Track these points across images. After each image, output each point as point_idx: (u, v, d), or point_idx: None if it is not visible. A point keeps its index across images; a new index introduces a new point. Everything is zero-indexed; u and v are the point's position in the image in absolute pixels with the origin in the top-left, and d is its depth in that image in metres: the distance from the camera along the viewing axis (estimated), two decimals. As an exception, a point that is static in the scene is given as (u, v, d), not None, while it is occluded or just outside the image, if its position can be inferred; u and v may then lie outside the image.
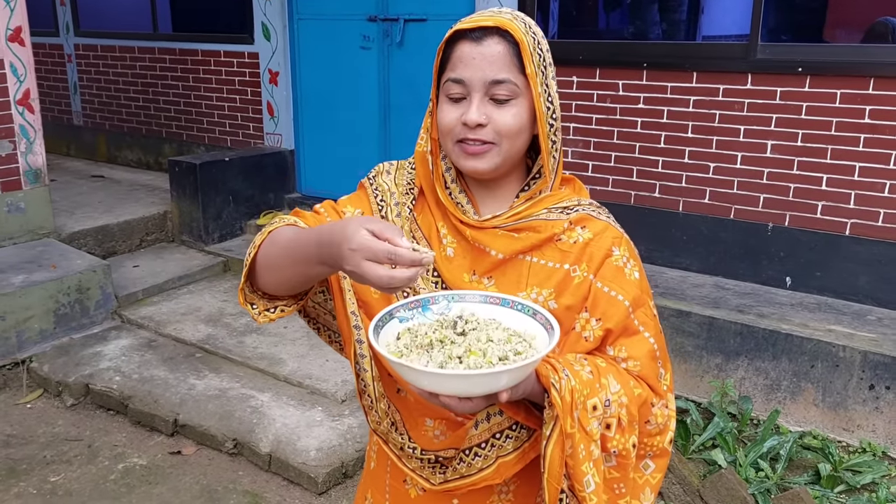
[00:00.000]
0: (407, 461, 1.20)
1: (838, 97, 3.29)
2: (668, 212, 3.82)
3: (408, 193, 1.23)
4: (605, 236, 1.17)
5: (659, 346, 1.18)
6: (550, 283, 1.15)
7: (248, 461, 3.02)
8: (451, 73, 1.12)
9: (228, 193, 4.99)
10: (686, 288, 3.56)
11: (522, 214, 1.16)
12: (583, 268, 1.15)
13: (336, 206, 1.23)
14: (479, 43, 1.09)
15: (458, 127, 1.12)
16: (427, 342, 1.03)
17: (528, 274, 1.16)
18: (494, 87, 1.09)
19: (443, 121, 1.14)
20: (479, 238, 1.16)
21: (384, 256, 0.90)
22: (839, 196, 3.37)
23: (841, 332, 3.05)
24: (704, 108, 3.63)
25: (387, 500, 1.31)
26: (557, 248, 1.16)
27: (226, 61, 5.52)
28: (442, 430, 1.18)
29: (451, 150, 1.15)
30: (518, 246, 1.16)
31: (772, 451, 2.86)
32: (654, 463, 1.19)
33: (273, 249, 1.10)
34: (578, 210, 1.18)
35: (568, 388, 1.05)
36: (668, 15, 4.66)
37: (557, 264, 1.15)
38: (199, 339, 3.79)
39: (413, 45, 4.65)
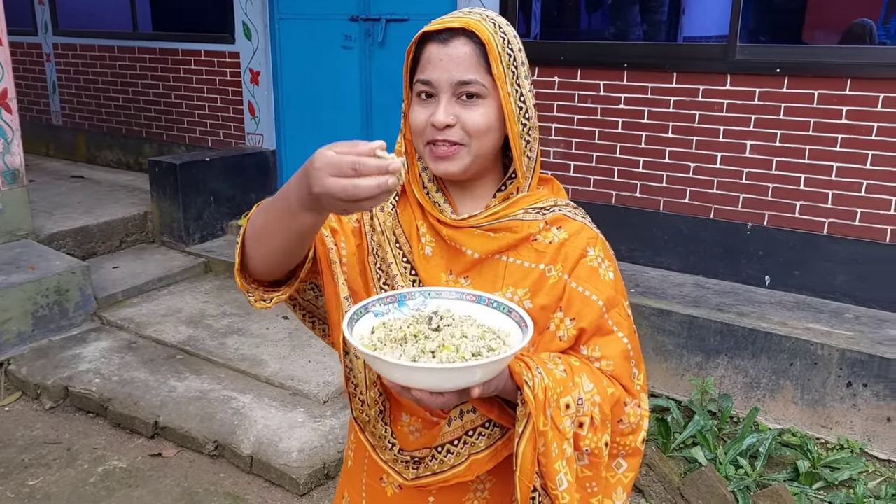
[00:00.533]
0: (381, 452, 1.20)
1: (816, 98, 3.33)
2: (648, 211, 3.85)
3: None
4: (580, 237, 1.18)
5: (633, 346, 1.20)
6: (526, 283, 1.15)
7: (230, 463, 3.00)
8: (420, 74, 1.12)
9: (209, 194, 4.95)
10: (667, 287, 3.59)
11: (499, 214, 1.17)
12: (558, 268, 1.16)
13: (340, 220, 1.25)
14: (445, 44, 1.10)
15: (427, 128, 1.12)
16: (401, 336, 1.03)
17: (504, 274, 1.16)
18: (461, 87, 1.10)
19: (413, 122, 1.14)
20: (455, 237, 1.17)
21: (348, 167, 0.87)
22: (817, 196, 3.41)
23: (819, 331, 3.09)
24: (684, 108, 3.65)
25: (363, 499, 1.31)
26: (533, 249, 1.17)
27: (206, 61, 5.48)
28: (417, 428, 1.19)
29: (422, 151, 1.16)
30: (494, 246, 1.16)
31: (751, 448, 2.89)
32: (627, 462, 1.20)
33: (259, 217, 1.08)
34: (555, 210, 1.19)
35: (541, 386, 1.06)
36: (649, 16, 4.69)
37: (533, 264, 1.16)
38: (180, 340, 3.77)
39: (395, 44, 4.64)
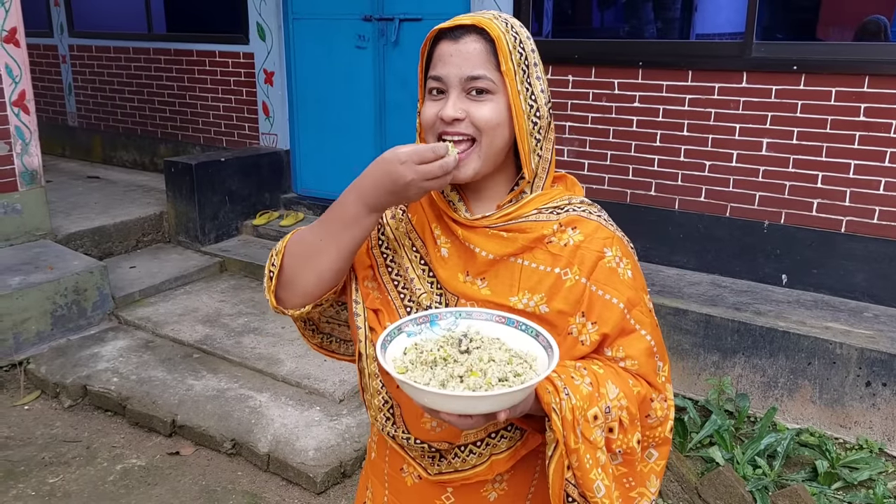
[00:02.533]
0: (409, 450, 1.23)
1: (833, 95, 3.30)
2: (664, 210, 3.83)
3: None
4: (596, 238, 1.17)
5: (656, 341, 1.20)
6: (542, 288, 1.15)
7: (247, 461, 3.02)
8: (431, 71, 1.15)
9: (224, 194, 4.98)
10: (683, 286, 3.57)
11: (512, 215, 1.17)
12: (574, 270, 1.15)
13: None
14: (456, 41, 1.12)
15: (437, 122, 1.14)
16: (431, 359, 1.05)
17: (520, 277, 1.16)
18: (470, 82, 1.11)
19: (424, 116, 1.16)
20: (469, 237, 1.17)
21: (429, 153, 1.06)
22: (835, 193, 3.39)
23: (838, 330, 3.07)
24: (700, 106, 3.64)
25: (385, 489, 1.32)
26: (548, 251, 1.16)
27: (221, 61, 5.51)
28: (438, 422, 1.20)
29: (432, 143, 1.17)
30: (508, 249, 1.16)
31: (769, 448, 2.87)
32: (657, 451, 1.22)
33: (303, 244, 1.18)
34: (569, 210, 1.18)
35: (569, 408, 1.07)
36: (662, 13, 4.67)
37: (548, 268, 1.15)
38: (197, 339, 3.79)
39: (408, 44, 4.65)
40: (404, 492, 1.28)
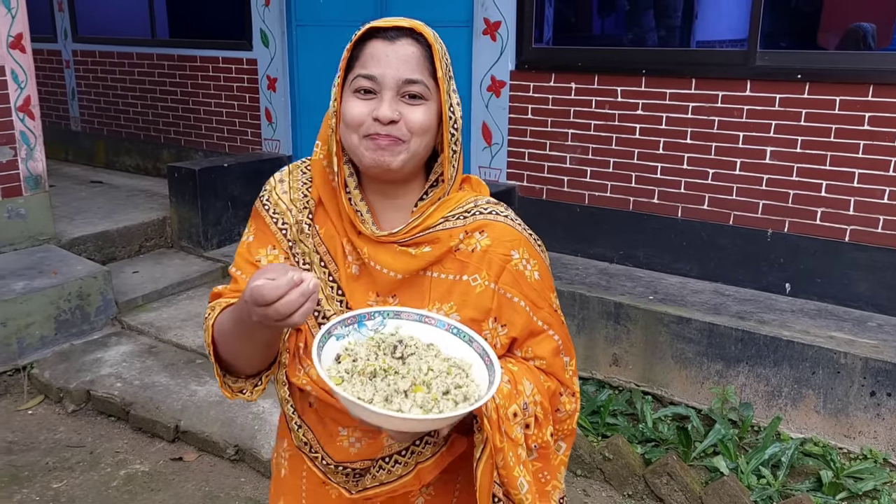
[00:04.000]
0: (330, 475, 1.23)
1: (837, 104, 3.31)
2: (667, 218, 3.83)
3: (305, 208, 1.21)
4: (502, 241, 1.17)
5: (563, 339, 1.23)
6: (451, 297, 1.15)
7: (250, 467, 3.02)
8: (361, 69, 1.09)
9: (227, 199, 4.99)
10: (686, 294, 3.57)
11: (420, 228, 1.15)
12: (483, 276, 1.15)
13: (249, 258, 1.23)
14: (392, 42, 1.09)
15: (368, 121, 1.09)
16: (370, 370, 1.03)
17: (430, 289, 1.16)
18: (407, 86, 1.09)
19: (350, 114, 1.10)
20: (374, 256, 1.15)
21: (273, 296, 0.95)
22: (839, 202, 3.39)
23: (842, 339, 3.07)
24: (703, 114, 3.64)
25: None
26: (456, 259, 1.16)
27: (224, 67, 5.53)
28: (357, 437, 1.19)
29: (357, 144, 1.11)
30: (415, 265, 1.15)
31: (773, 457, 2.87)
32: (565, 443, 1.28)
33: (225, 344, 1.15)
34: (475, 214, 1.18)
35: (493, 407, 1.09)
36: (663, 20, 4.68)
37: (457, 276, 1.15)
38: (200, 344, 3.79)
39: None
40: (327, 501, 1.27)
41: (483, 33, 4.20)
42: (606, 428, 3.12)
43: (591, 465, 2.93)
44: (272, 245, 1.21)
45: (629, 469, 2.85)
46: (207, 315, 1.19)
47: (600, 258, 4.04)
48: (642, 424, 3.11)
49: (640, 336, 3.34)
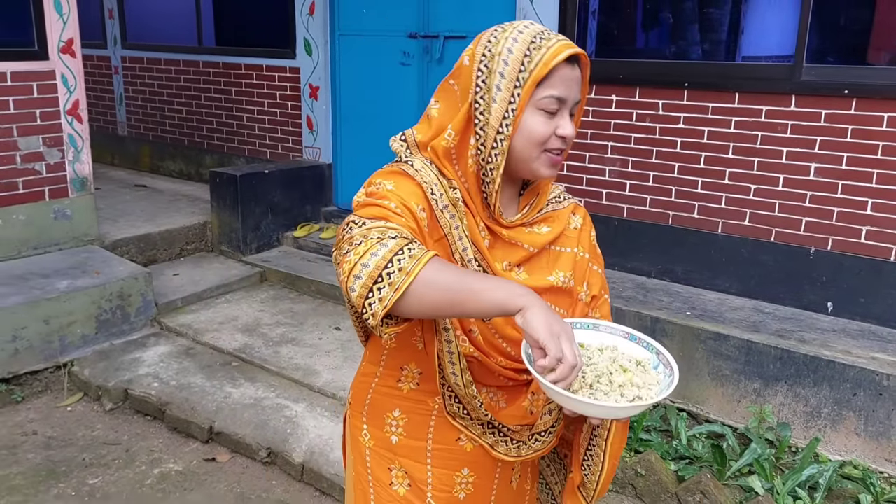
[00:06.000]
0: (497, 445, 1.39)
1: (885, 120, 3.24)
2: (707, 233, 3.78)
3: (451, 188, 1.28)
4: (587, 220, 1.46)
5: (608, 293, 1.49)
6: (569, 266, 1.39)
7: (282, 471, 3.04)
8: (551, 90, 1.21)
9: (267, 205, 5.06)
10: (725, 311, 3.51)
11: (535, 211, 1.37)
12: (580, 249, 1.42)
13: (405, 202, 1.21)
14: (573, 67, 1.23)
15: (552, 138, 1.24)
16: (589, 382, 1.22)
17: (556, 260, 1.38)
18: (574, 106, 1.26)
19: (539, 130, 1.23)
20: (515, 237, 1.33)
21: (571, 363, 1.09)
22: (885, 221, 3.31)
23: (885, 361, 2.98)
24: (746, 129, 3.59)
25: (428, 465, 1.41)
26: (567, 235, 1.40)
27: (268, 75, 5.62)
28: (501, 397, 1.40)
29: (536, 157, 1.25)
30: (546, 239, 1.36)
31: (810, 479, 2.79)
32: None
33: (431, 293, 1.08)
34: (568, 199, 1.44)
35: None
36: (708, 35, 4.63)
37: (570, 249, 1.40)
38: (236, 347, 3.84)
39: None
40: (463, 458, 1.41)
41: (523, 45, 4.20)
42: (640, 444, 3.07)
43: (622, 481, 2.89)
44: (422, 206, 1.24)
45: (661, 486, 2.80)
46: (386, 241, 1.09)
47: (638, 272, 3.99)
48: (676, 441, 3.06)
49: (676, 352, 3.29)
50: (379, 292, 1.06)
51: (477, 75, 1.23)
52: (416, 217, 1.21)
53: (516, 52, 1.20)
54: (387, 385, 1.41)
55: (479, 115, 1.23)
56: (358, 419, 1.47)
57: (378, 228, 1.12)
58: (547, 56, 1.19)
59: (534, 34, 1.22)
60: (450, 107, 1.28)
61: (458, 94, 1.27)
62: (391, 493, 1.43)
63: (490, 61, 1.22)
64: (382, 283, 1.06)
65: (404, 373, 1.38)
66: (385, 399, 1.42)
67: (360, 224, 1.14)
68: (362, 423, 1.46)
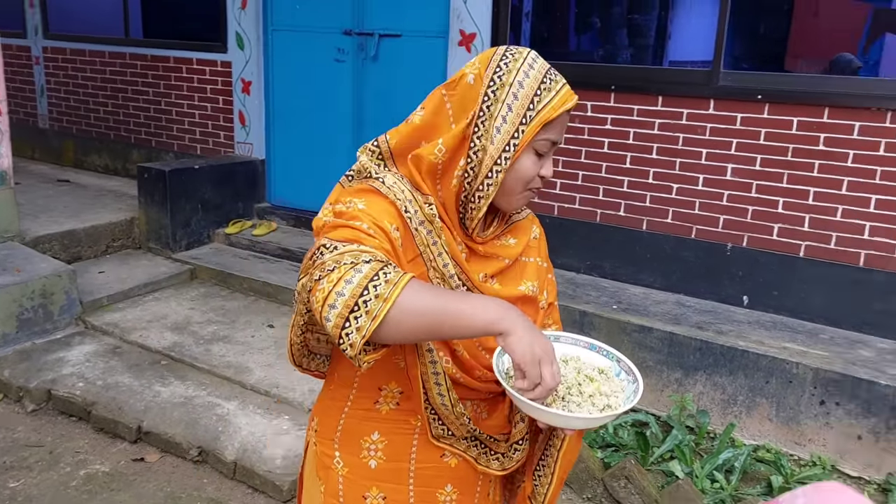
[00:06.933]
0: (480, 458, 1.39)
1: (795, 124, 3.44)
2: (632, 230, 3.93)
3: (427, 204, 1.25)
4: (541, 229, 1.48)
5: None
6: (535, 276, 1.40)
7: (213, 469, 3.02)
8: (551, 133, 1.24)
9: (197, 201, 4.98)
10: (648, 304, 3.66)
11: (505, 222, 1.39)
12: (539, 258, 1.44)
13: (378, 222, 1.18)
14: (568, 113, 1.26)
15: (536, 179, 1.27)
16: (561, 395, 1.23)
17: (524, 271, 1.39)
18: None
19: (528, 170, 1.25)
20: (491, 250, 1.35)
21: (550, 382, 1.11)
22: (794, 219, 3.51)
23: (795, 350, 3.17)
24: (669, 130, 3.75)
25: (411, 485, 1.36)
26: (530, 246, 1.43)
27: (198, 69, 5.52)
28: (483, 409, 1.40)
29: (518, 192, 1.28)
30: (517, 251, 1.39)
31: (727, 463, 2.95)
32: None
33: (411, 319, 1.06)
34: (524, 210, 1.45)
35: None
36: (635, 39, 4.81)
37: (533, 258, 1.42)
38: (165, 346, 3.78)
39: (388, 59, 4.71)
40: (447, 473, 1.38)
41: (458, 44, 4.27)
42: (568, 434, 3.18)
43: (551, 470, 2.99)
44: (396, 226, 1.20)
45: (589, 472, 2.91)
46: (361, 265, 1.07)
47: (568, 268, 4.11)
48: (603, 430, 3.18)
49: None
50: (356, 321, 1.03)
51: (483, 100, 1.21)
52: (390, 237, 1.17)
53: (527, 89, 1.21)
54: (362, 408, 1.34)
55: (477, 139, 1.21)
56: (328, 447, 1.38)
57: (351, 252, 1.08)
58: (556, 101, 1.21)
59: (544, 71, 1.23)
60: (438, 119, 1.25)
61: (450, 109, 1.24)
62: None
63: (499, 90, 1.21)
64: (359, 311, 1.03)
65: (383, 393, 1.32)
66: (361, 423, 1.34)
67: (332, 248, 1.09)
68: (334, 450, 1.37)
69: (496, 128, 1.20)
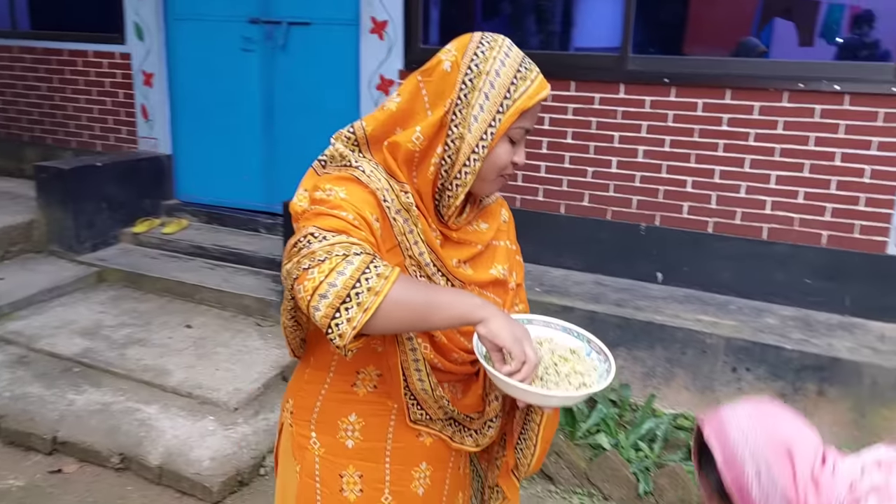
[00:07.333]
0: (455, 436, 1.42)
1: (700, 106, 3.60)
2: (551, 214, 4.01)
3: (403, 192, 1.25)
4: (510, 213, 1.51)
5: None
6: (505, 259, 1.43)
7: (137, 475, 2.90)
8: (525, 121, 1.27)
9: (101, 200, 4.75)
10: (569, 285, 3.76)
11: (477, 208, 1.41)
12: (509, 240, 1.47)
13: (361, 213, 1.18)
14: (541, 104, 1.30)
15: (509, 166, 1.30)
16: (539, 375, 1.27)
17: (493, 254, 1.42)
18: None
19: (502, 157, 1.28)
20: (466, 236, 1.38)
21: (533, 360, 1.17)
22: (702, 197, 3.68)
23: (707, 321, 3.34)
24: (582, 115, 3.85)
25: (387, 463, 1.38)
26: (500, 230, 1.46)
27: (94, 62, 5.25)
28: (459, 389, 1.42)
29: (492, 179, 1.30)
30: (489, 236, 1.42)
31: (649, 432, 3.08)
32: None
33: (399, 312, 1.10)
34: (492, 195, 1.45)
35: None
36: (544, 26, 4.90)
37: (503, 242, 1.46)
38: (76, 352, 3.59)
39: (297, 48, 4.62)
40: (422, 452, 1.40)
41: (370, 32, 4.23)
42: (498, 415, 3.23)
43: (484, 452, 3.04)
44: (376, 216, 1.21)
45: (521, 452, 2.97)
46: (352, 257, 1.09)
47: (487, 254, 4.16)
48: (531, 410, 3.25)
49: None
50: (347, 312, 1.06)
51: (460, 88, 1.23)
52: (372, 228, 1.19)
53: (503, 77, 1.23)
54: (340, 391, 1.36)
55: (454, 127, 1.23)
56: (304, 428, 1.40)
57: (342, 244, 1.10)
58: (532, 90, 1.25)
59: (519, 60, 1.26)
60: (414, 106, 1.26)
61: (426, 96, 1.26)
62: (340, 499, 1.38)
63: (476, 78, 1.22)
64: (350, 302, 1.06)
65: (360, 376, 1.34)
66: (338, 405, 1.37)
67: (321, 238, 1.11)
68: (310, 431, 1.40)
69: (473, 116, 1.22)
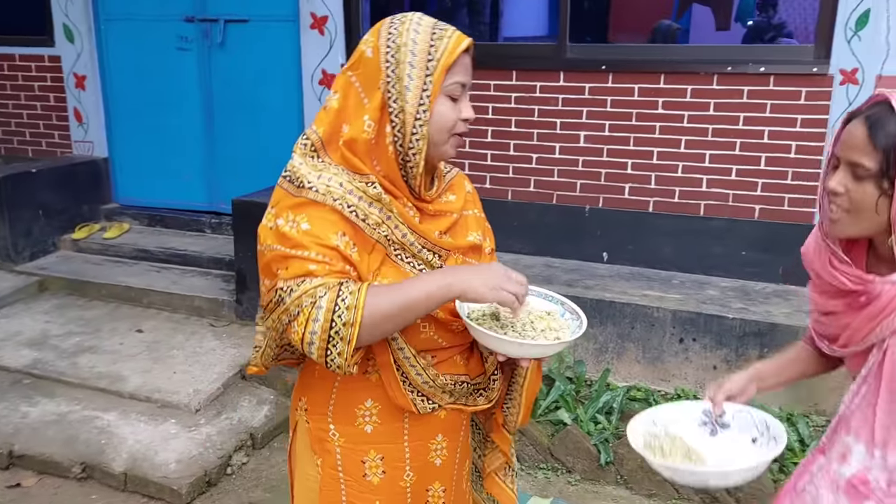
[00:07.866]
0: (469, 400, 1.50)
1: (636, 91, 3.74)
2: (498, 201, 4.10)
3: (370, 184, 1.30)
4: (472, 184, 1.58)
5: None
6: (477, 226, 1.52)
7: (101, 483, 2.87)
8: (457, 76, 1.31)
9: (37, 207, 4.61)
10: (519, 269, 3.77)
11: (443, 180, 1.47)
12: (476, 209, 1.56)
13: (325, 242, 1.25)
14: (467, 55, 1.33)
15: (458, 123, 1.34)
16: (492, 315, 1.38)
17: (468, 223, 1.50)
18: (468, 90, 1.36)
19: (447, 116, 1.31)
20: (442, 207, 1.45)
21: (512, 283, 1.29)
22: (642, 178, 3.83)
23: (653, 296, 3.49)
24: (525, 103, 3.95)
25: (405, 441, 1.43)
26: (468, 200, 1.53)
27: (22, 65, 5.07)
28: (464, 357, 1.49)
29: (445, 141, 1.34)
30: (460, 205, 1.49)
31: (606, 405, 3.21)
32: None
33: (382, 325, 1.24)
34: (451, 168, 1.55)
35: None
36: (474, 17, 4.99)
37: (472, 211, 1.54)
38: (25, 364, 3.51)
39: (236, 46, 4.57)
40: (436, 426, 1.46)
41: (311, 27, 4.23)
42: (459, 399, 3.31)
43: (449, 435, 3.11)
44: (342, 231, 1.27)
45: (485, 432, 3.06)
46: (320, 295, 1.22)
47: (438, 243, 4.23)
48: (492, 392, 3.34)
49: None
50: (335, 349, 1.21)
51: (386, 66, 1.27)
52: (340, 252, 1.25)
53: (421, 43, 1.27)
54: (353, 380, 1.39)
55: (393, 103, 1.28)
56: (321, 422, 1.44)
57: (307, 293, 1.22)
58: (450, 45, 1.29)
59: (431, 25, 1.31)
60: (353, 98, 1.31)
61: (359, 86, 1.30)
62: (364, 485, 1.42)
63: (396, 52, 1.27)
64: (335, 339, 1.21)
65: (371, 363, 1.38)
66: (353, 394, 1.41)
67: (289, 292, 1.23)
68: (328, 424, 1.43)
69: (406, 87, 1.27)
